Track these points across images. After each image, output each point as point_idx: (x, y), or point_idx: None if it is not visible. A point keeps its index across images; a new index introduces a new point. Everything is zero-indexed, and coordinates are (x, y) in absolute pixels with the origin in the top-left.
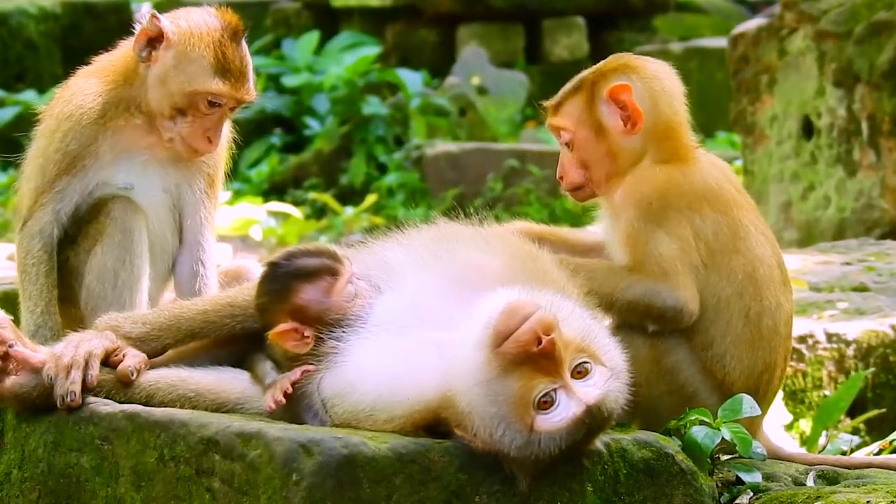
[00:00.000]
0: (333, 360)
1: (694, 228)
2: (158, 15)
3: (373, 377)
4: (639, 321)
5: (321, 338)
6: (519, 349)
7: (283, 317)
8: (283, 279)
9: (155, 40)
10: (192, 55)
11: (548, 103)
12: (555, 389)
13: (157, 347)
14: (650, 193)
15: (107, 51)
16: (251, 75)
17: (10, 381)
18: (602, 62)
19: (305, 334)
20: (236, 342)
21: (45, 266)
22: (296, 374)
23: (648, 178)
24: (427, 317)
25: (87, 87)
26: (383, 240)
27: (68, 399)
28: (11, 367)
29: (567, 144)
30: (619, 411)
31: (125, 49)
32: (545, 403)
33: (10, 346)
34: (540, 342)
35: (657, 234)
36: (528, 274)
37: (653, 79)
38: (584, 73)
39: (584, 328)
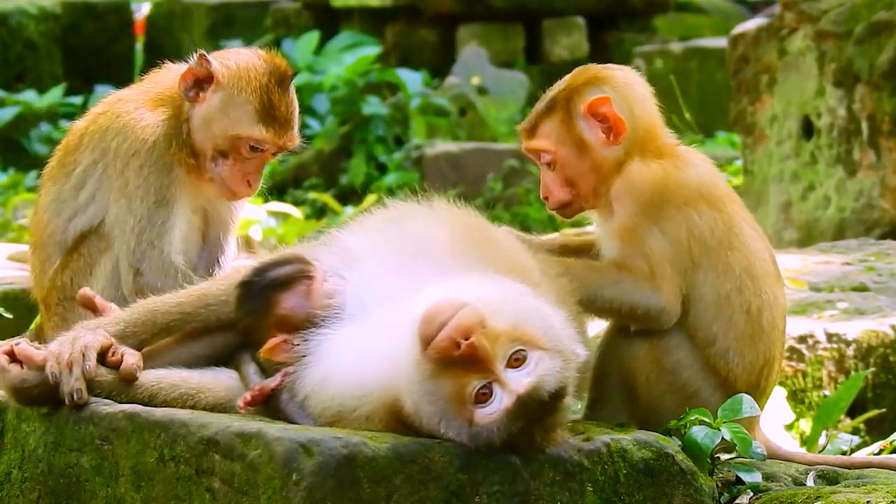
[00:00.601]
0: (308, 359)
1: (689, 226)
2: (208, 56)
3: (339, 371)
4: (618, 320)
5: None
6: (440, 355)
7: (269, 332)
8: (261, 295)
9: (203, 81)
10: (238, 99)
11: (521, 127)
12: (490, 383)
13: (134, 343)
14: (648, 189)
15: (107, 51)
16: (296, 122)
17: (13, 375)
18: (568, 77)
19: (295, 343)
20: (214, 333)
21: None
22: (276, 379)
23: (644, 172)
24: (383, 300)
25: (146, 118)
26: (340, 228)
27: (76, 397)
28: (13, 364)
29: (548, 164)
30: (565, 386)
31: (171, 79)
32: (483, 395)
33: (17, 343)
34: (459, 346)
35: (653, 230)
36: (477, 245)
37: (625, 86)
38: (553, 91)
39: (518, 314)
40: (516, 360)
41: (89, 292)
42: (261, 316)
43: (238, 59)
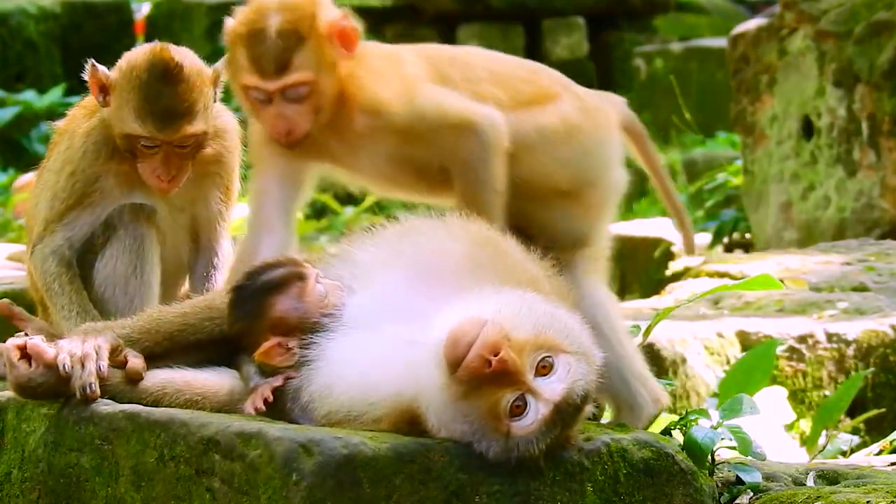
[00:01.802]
0: (310, 364)
1: None
2: (97, 65)
3: (347, 378)
4: None
5: (303, 344)
6: (471, 375)
7: (264, 336)
8: (254, 298)
9: (104, 87)
10: (122, 99)
11: (260, 69)
12: (522, 395)
13: (137, 350)
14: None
15: (107, 51)
16: (185, 114)
17: (21, 372)
18: (292, 4)
19: (290, 346)
20: (218, 345)
21: (66, 276)
22: (278, 380)
23: (384, 84)
24: (395, 312)
25: (84, 126)
26: (351, 242)
27: (88, 391)
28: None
29: (302, 97)
30: (591, 390)
31: None
32: (518, 408)
33: (31, 338)
34: (490, 363)
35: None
36: (489, 259)
37: None
38: (286, 23)
39: (539, 321)
40: (543, 368)
41: (5, 303)
42: (255, 319)
43: (129, 59)
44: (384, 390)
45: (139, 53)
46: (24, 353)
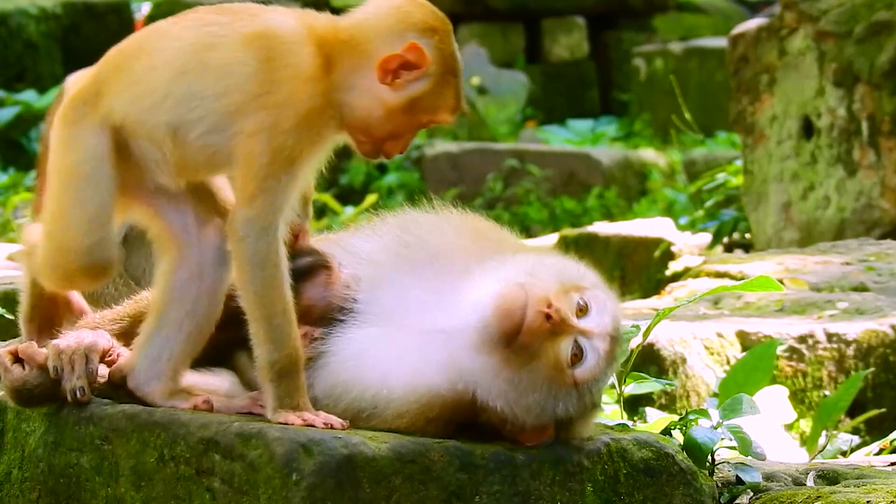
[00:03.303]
0: (321, 359)
1: None
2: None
3: (369, 374)
4: None
5: (315, 337)
6: (536, 336)
7: None
8: None
9: None
10: None
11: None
12: (576, 341)
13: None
14: None
15: (107, 51)
16: None
17: (15, 375)
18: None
19: (315, 336)
20: (216, 331)
21: None
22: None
23: None
24: (407, 304)
25: None
26: (349, 232)
27: (78, 395)
28: (16, 364)
29: None
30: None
31: None
32: (575, 357)
33: (22, 343)
34: (549, 317)
35: None
36: (491, 247)
37: None
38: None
39: (554, 270)
40: (581, 310)
41: None
42: None
43: None
44: (411, 384)
45: None
46: (18, 358)
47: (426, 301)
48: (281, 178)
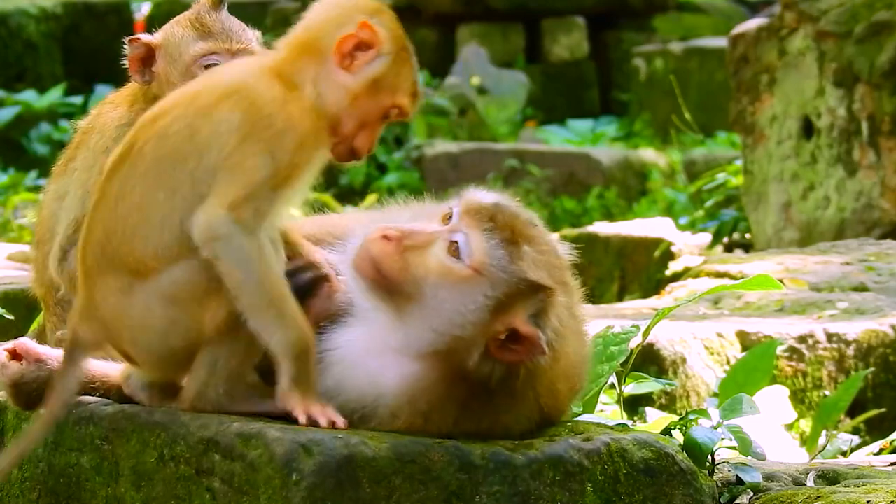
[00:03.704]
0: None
1: None
2: (138, 36)
3: (356, 374)
4: None
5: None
6: (399, 263)
7: None
8: None
9: (146, 59)
10: (175, 40)
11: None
12: (446, 240)
13: None
14: None
15: (107, 51)
16: (241, 31)
17: (13, 371)
18: None
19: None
20: None
21: None
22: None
23: None
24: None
25: (115, 117)
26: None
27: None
28: (13, 361)
29: None
30: None
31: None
32: (454, 251)
33: (19, 340)
34: (387, 237)
35: None
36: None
37: None
38: None
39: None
40: (445, 218)
41: None
42: None
43: (167, 27)
44: (396, 379)
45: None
46: (15, 355)
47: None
48: (276, 193)
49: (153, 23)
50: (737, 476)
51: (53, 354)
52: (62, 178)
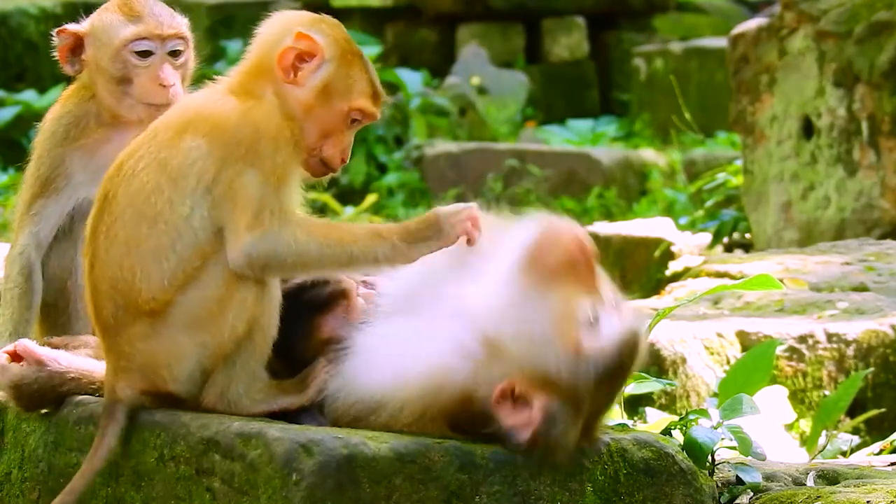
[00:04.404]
0: (342, 356)
1: None
2: (65, 27)
3: (379, 365)
4: None
5: None
6: (564, 255)
7: (303, 357)
8: (299, 320)
9: (75, 48)
10: (104, 25)
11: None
12: (597, 308)
13: None
14: None
15: None
16: (174, 14)
17: (13, 372)
18: None
19: (331, 365)
20: None
21: (20, 290)
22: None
23: None
24: (432, 288)
25: (55, 111)
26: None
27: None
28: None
29: None
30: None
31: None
32: (590, 322)
33: (20, 341)
34: (586, 251)
35: None
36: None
37: None
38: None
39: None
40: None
41: None
42: (298, 341)
43: (94, 15)
44: (425, 374)
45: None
46: (15, 357)
47: (450, 288)
48: (278, 192)
49: None
50: (737, 476)
51: (54, 356)
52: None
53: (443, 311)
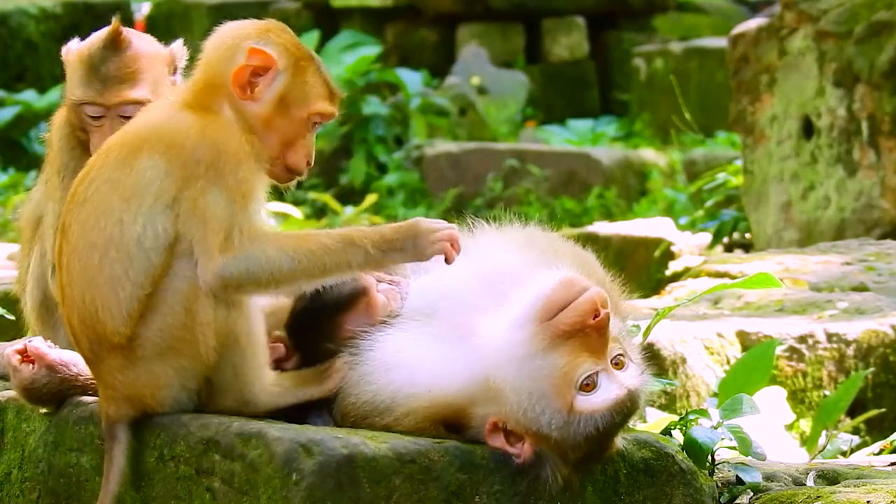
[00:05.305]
0: (359, 356)
1: None
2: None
3: (394, 369)
4: None
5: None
6: (576, 319)
7: (323, 355)
8: (321, 319)
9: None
10: (72, 69)
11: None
12: (597, 372)
13: None
14: None
15: None
16: (128, 80)
17: (24, 375)
18: None
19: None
20: None
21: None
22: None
23: None
24: (455, 305)
25: (56, 123)
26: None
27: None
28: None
29: None
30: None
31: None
32: (587, 386)
33: (30, 341)
34: (597, 315)
35: None
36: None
37: None
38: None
39: (618, 322)
40: (615, 364)
41: None
42: (320, 341)
43: (83, 46)
44: (432, 382)
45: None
46: (27, 357)
47: (473, 302)
48: (246, 208)
49: (153, 23)
50: (737, 476)
51: (65, 361)
52: (42, 187)
53: (458, 334)
